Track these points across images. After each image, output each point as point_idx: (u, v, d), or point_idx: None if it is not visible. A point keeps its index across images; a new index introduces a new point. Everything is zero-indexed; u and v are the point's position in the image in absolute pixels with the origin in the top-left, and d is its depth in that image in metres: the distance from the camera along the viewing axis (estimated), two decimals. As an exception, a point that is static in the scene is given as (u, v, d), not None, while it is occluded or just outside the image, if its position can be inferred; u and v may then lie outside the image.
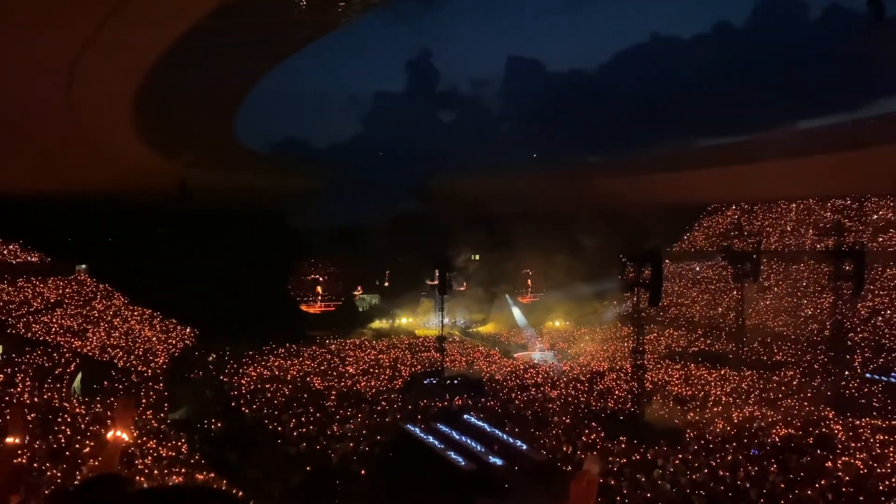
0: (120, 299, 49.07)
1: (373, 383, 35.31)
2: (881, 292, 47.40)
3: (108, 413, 22.73)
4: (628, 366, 32.25)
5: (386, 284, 67.57)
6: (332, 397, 31.74)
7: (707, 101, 68.34)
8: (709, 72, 72.72)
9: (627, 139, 70.49)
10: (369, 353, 45.28)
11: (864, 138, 47.78)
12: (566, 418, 27.47)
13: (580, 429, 25.89)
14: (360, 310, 64.96)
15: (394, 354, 44.98)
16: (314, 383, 35.13)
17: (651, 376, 34.18)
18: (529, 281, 66.40)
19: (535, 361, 43.59)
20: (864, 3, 19.29)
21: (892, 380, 34.24)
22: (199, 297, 49.37)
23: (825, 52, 59.51)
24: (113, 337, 40.04)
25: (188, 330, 47.88)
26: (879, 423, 26.56)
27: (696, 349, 45.59)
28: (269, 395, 32.20)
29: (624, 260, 29.16)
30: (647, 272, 28.47)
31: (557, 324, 59.93)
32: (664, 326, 53.58)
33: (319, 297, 62.24)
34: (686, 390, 32.79)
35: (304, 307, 61.69)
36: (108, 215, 55.52)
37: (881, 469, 20.90)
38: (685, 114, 68.47)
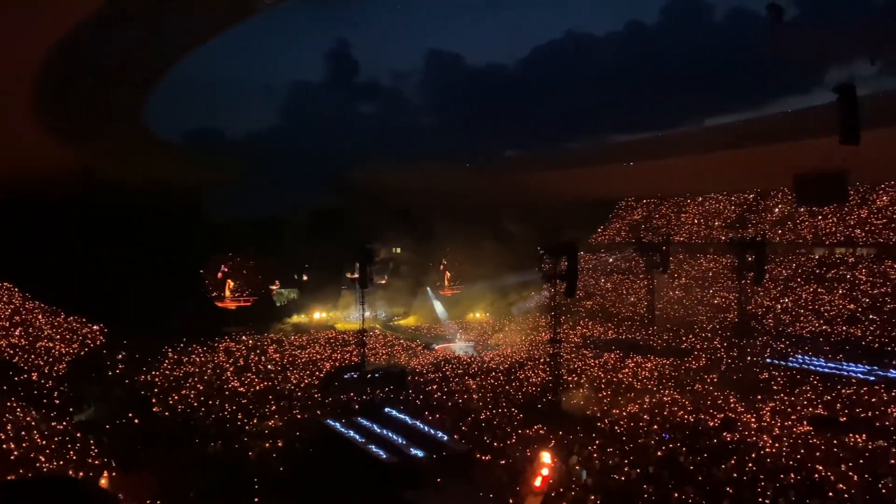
0: (20, 296, 46.36)
1: (292, 379, 34.75)
2: (780, 282, 50.26)
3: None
4: (546, 355, 32.99)
5: (304, 278, 66.51)
6: (250, 394, 31.08)
7: (619, 98, 70.59)
8: (621, 69, 75.08)
9: (544, 134, 71.94)
10: (288, 349, 44.53)
11: (766, 136, 50.33)
12: (486, 408, 27.86)
13: (499, 418, 26.32)
14: (278, 304, 63.69)
15: (313, 349, 44.40)
16: (230, 380, 34.27)
17: (567, 365, 35.10)
18: (448, 274, 66.86)
19: (457, 352, 44.00)
20: (766, 6, 20.29)
21: (791, 364, 36.39)
22: (107, 293, 47.21)
23: (729, 53, 62.42)
24: (14, 336, 37.83)
25: (96, 327, 45.79)
26: (779, 405, 28.19)
27: (610, 338, 47.05)
28: (183, 392, 31.21)
29: (542, 252, 29.77)
30: (563, 264, 29.17)
31: (478, 315, 60.66)
32: (580, 316, 55.07)
33: (234, 292, 60.67)
34: (601, 378, 33.81)
35: (219, 302, 60.01)
36: (4, 206, 52.27)
37: (780, 447, 22.22)
38: (599, 110, 70.48)
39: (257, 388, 32.53)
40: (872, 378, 32.30)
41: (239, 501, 19.02)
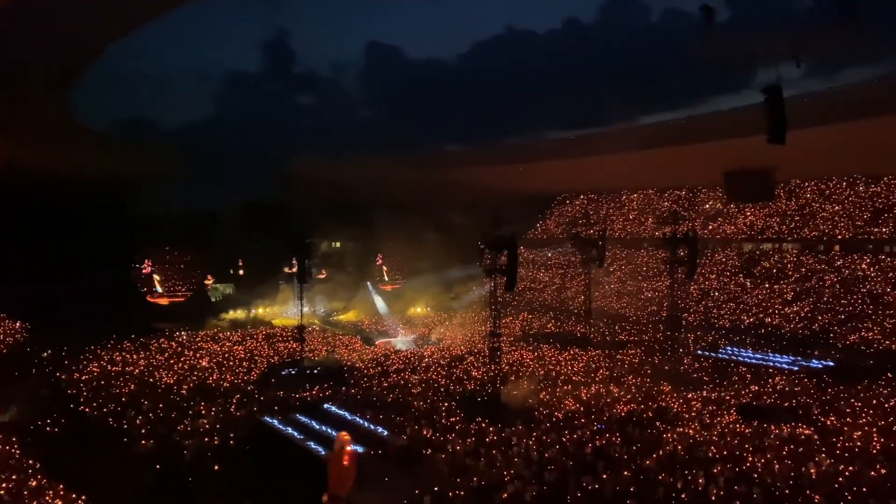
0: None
1: (227, 376, 34.00)
2: (711, 276, 51.95)
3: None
4: (486, 349, 33.21)
5: (241, 273, 65.17)
6: (183, 392, 30.27)
7: (558, 94, 71.53)
8: (560, 66, 76.12)
9: (484, 129, 72.33)
10: (224, 345, 43.55)
11: (697, 134, 51.83)
12: (426, 402, 27.88)
13: (439, 412, 26.38)
14: (213, 300, 62.26)
15: (250, 345, 43.56)
16: (163, 378, 33.29)
17: (507, 358, 35.45)
18: (385, 269, 66.66)
19: (398, 348, 43.87)
20: (698, 7, 20.82)
21: (721, 355, 37.67)
22: (32, 289, 45.25)
23: (664, 53, 64.02)
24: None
25: (19, 324, 43.82)
26: (709, 395, 29.14)
27: (548, 331, 47.76)
28: (113, 391, 30.16)
29: (482, 247, 29.91)
30: (503, 258, 29.38)
31: (419, 310, 60.66)
32: (519, 310, 55.71)
33: (165, 288, 58.98)
34: (539, 370, 34.26)
35: (150, 298, 58.25)
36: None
37: (710, 436, 22.97)
38: (538, 106, 71.28)
39: (191, 385, 31.70)
40: (796, 368, 33.77)
41: (173, 502, 18.52)
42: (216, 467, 20.77)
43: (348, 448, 2.78)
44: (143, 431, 24.19)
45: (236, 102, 78.91)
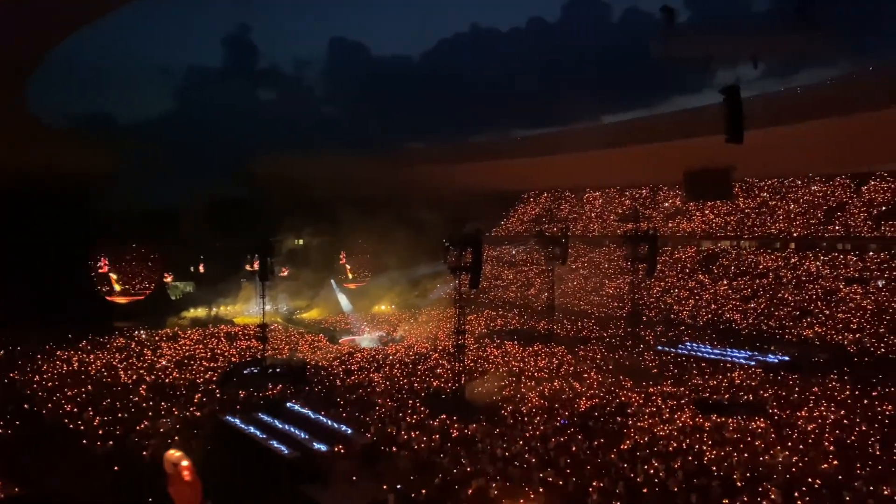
0: None
1: (188, 375, 33.47)
2: (671, 273, 52.83)
3: None
4: (450, 346, 33.27)
5: (201, 271, 64.14)
6: (142, 391, 29.71)
7: (522, 93, 71.93)
8: (524, 65, 76.50)
9: (449, 127, 72.38)
10: (184, 344, 42.86)
11: (658, 133, 52.63)
12: (390, 400, 27.84)
13: (404, 410, 26.36)
14: (173, 298, 61.19)
15: (211, 344, 42.94)
16: (121, 378, 32.62)
17: (471, 355, 35.59)
18: (349, 266, 66.29)
19: (363, 346, 43.62)
20: (659, 8, 21.13)
21: (680, 350, 38.35)
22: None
23: (626, 52, 64.86)
24: None
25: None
26: (669, 389, 29.65)
27: (512, 328, 48.05)
28: (69, 392, 29.44)
29: (447, 244, 29.95)
30: (468, 256, 29.47)
31: (384, 308, 60.48)
32: (484, 307, 55.96)
33: (124, 286, 57.75)
34: (503, 367, 34.46)
35: (108, 296, 56.97)
36: None
37: (670, 430, 23.39)
38: (502, 105, 71.57)
39: (150, 385, 31.13)
40: (753, 363, 34.54)
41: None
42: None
43: (184, 463, 2.76)
44: (100, 433, 23.67)
45: (197, 98, 77.60)
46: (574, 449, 21.29)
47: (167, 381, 32.10)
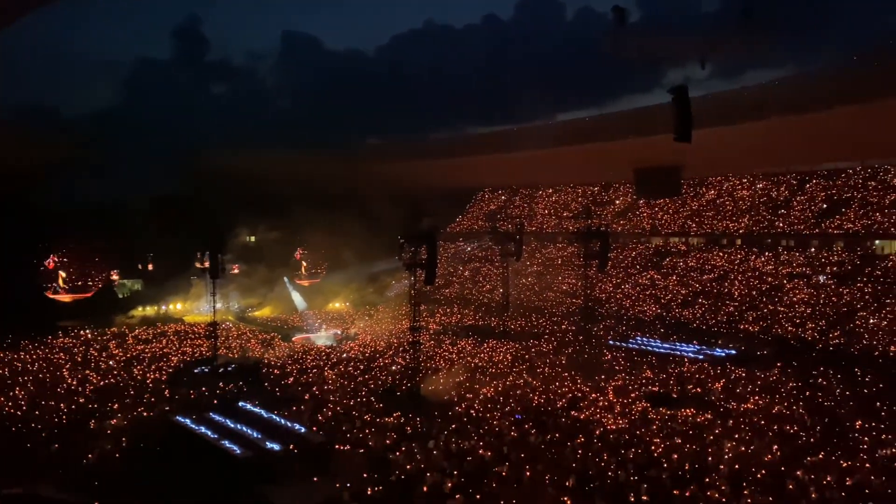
0: None
1: (136, 375, 32.70)
2: (621, 269, 53.75)
3: None
4: (405, 343, 33.23)
5: (150, 268, 62.65)
6: (89, 392, 28.92)
7: (477, 90, 72.16)
8: (479, 62, 76.68)
9: (404, 123, 72.15)
10: (132, 343, 41.86)
11: (610, 132, 53.45)
12: (344, 398, 27.67)
13: (358, 407, 26.24)
14: (121, 296, 59.63)
15: (160, 343, 42.03)
16: (66, 378, 31.69)
17: (426, 352, 35.61)
18: (305, 263, 65.59)
19: (318, 343, 43.18)
20: (611, 7, 21.47)
21: (631, 345, 39.04)
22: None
23: (580, 51, 65.64)
24: None
25: None
26: (620, 383, 30.16)
27: (466, 324, 48.24)
28: (11, 393, 28.47)
29: (402, 241, 29.88)
30: (423, 252, 29.46)
31: (338, 305, 60.03)
32: (439, 303, 56.05)
33: (69, 284, 55.98)
34: (458, 363, 34.58)
35: (52, 295, 55.17)
36: None
37: (621, 424, 23.81)
38: (458, 102, 71.69)
39: (97, 385, 30.32)
40: (701, 357, 35.38)
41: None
42: (124, 470, 19.95)
43: None
44: (44, 435, 22.95)
45: (146, 91, 75.56)
46: (528, 443, 21.50)
47: (114, 381, 31.32)
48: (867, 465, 19.13)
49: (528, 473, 18.72)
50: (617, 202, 62.32)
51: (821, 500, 16.53)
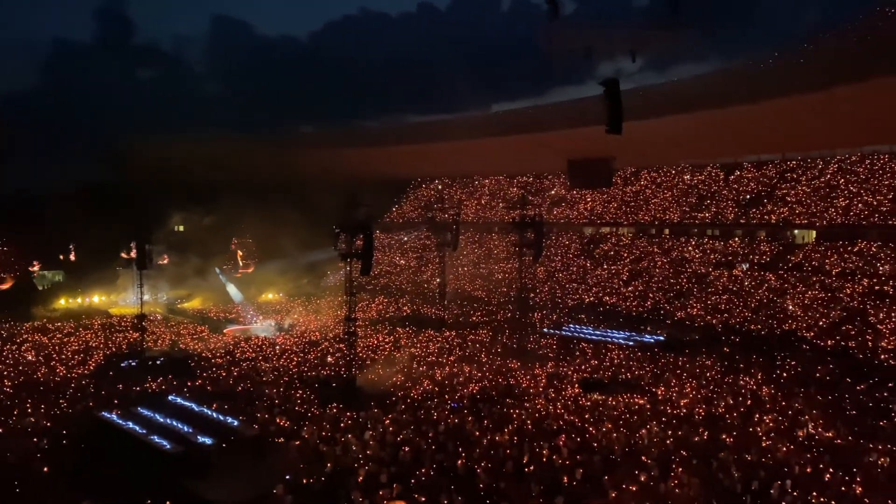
0: None
1: (59, 370, 31.39)
2: (556, 258, 54.66)
3: None
4: (341, 333, 32.95)
5: (72, 258, 60.14)
6: (7, 388, 27.62)
7: (413, 79, 71.87)
8: (415, 51, 76.37)
9: (339, 111, 71.27)
10: (53, 337, 40.15)
11: (544, 122, 54.12)
12: (279, 390, 27.27)
13: (293, 399, 25.90)
14: (41, 288, 57.08)
15: (84, 336, 40.45)
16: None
17: (363, 342, 35.40)
18: (240, 253, 64.23)
19: (258, 335, 42.22)
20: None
21: (564, 332, 39.80)
22: None
23: (516, 42, 66.14)
24: None
25: None
26: (554, 370, 30.72)
27: (403, 314, 48.19)
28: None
29: (337, 231, 29.54)
30: (359, 242, 29.21)
31: (271, 296, 59.00)
32: (376, 294, 55.79)
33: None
34: (395, 353, 34.53)
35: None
36: None
37: (555, 410, 24.26)
38: (393, 90, 71.26)
39: (16, 381, 28.96)
40: (631, 343, 36.38)
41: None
42: (45, 469, 19.14)
43: None
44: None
45: (66, 74, 72.18)
46: (464, 431, 21.67)
47: (35, 376, 29.99)
48: (786, 444, 20.07)
49: (462, 462, 18.86)
50: (551, 192, 63.26)
51: (743, 478, 17.25)
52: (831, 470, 17.76)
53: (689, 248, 49.33)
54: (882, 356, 31.36)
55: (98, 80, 70.52)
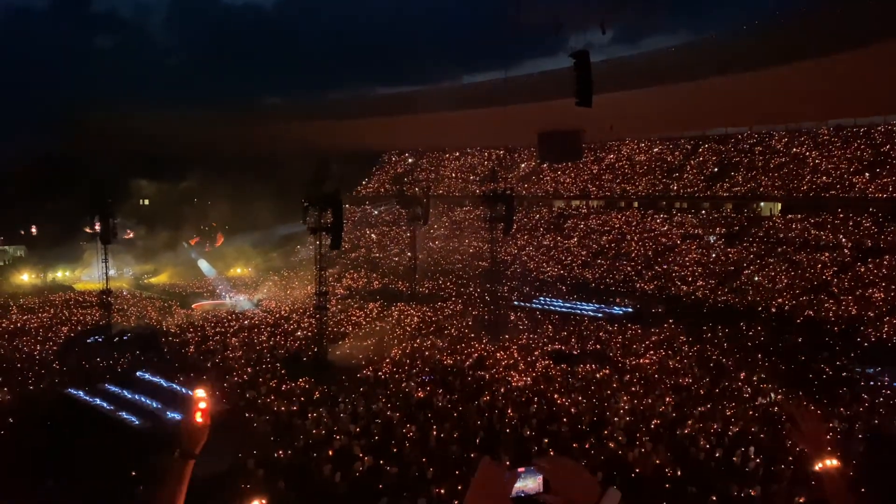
0: None
1: (21, 347, 30.80)
2: (526, 231, 54.85)
3: None
4: (312, 308, 32.81)
5: (33, 233, 58.79)
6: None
7: (381, 50, 70.88)
8: (383, 20, 75.30)
9: (306, 82, 70.11)
10: (15, 313, 39.35)
11: (514, 95, 53.81)
12: (248, 365, 27.11)
13: (263, 374, 25.78)
14: (2, 264, 55.81)
15: (48, 313, 39.72)
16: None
17: (333, 317, 35.31)
18: (209, 227, 63.36)
19: (238, 309, 41.78)
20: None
21: (535, 305, 40.11)
22: None
23: (484, 13, 65.47)
24: None
25: None
26: (524, 342, 30.99)
27: (374, 288, 48.10)
28: None
29: (306, 204, 29.26)
30: (328, 216, 28.98)
31: (240, 271, 58.42)
32: (346, 268, 55.52)
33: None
34: (365, 327, 34.52)
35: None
36: None
37: (524, 381, 24.52)
38: (360, 61, 70.24)
39: (-23, 360, 28.38)
40: (600, 315, 36.80)
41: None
42: (10, 448, 18.83)
43: (202, 406, 2.70)
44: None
45: (17, 42, 69.55)
46: (435, 403, 21.79)
47: (-2, 354, 29.43)
48: (749, 413, 20.54)
49: (434, 433, 18.99)
50: (522, 166, 63.26)
51: (708, 446, 17.63)
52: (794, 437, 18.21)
53: (658, 220, 49.84)
54: (844, 326, 32.19)
55: (55, 49, 68.24)
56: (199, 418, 2.92)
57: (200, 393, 2.97)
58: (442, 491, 14.76)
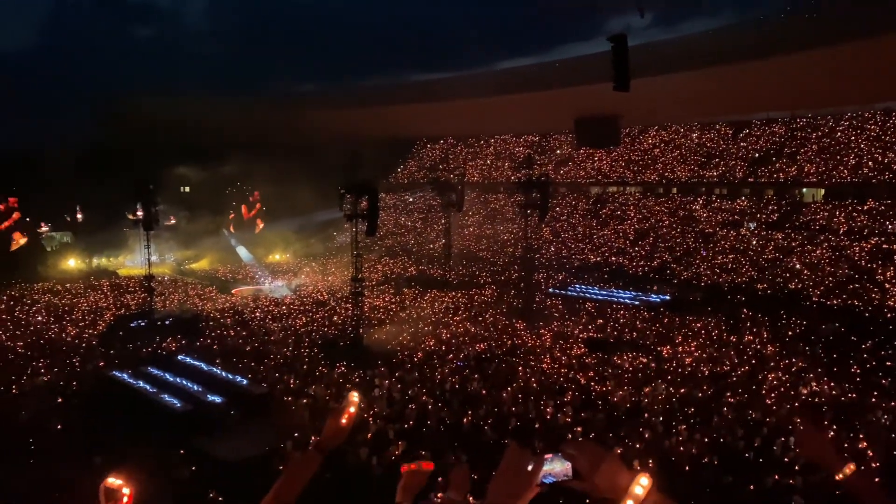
0: None
1: (69, 330, 31.76)
2: (562, 218, 54.49)
3: None
4: (348, 294, 33.14)
5: (79, 219, 60.29)
6: (19, 349, 27.98)
7: (418, 36, 70.80)
8: (420, 7, 75.06)
9: (341, 70, 70.40)
10: (64, 297, 40.53)
11: (550, 80, 53.38)
12: (287, 350, 27.54)
13: (301, 359, 26.18)
14: (49, 249, 57.38)
15: (94, 297, 40.84)
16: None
17: (369, 302, 35.63)
18: (249, 213, 64.26)
19: (273, 295, 42.47)
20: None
21: (570, 293, 39.89)
22: None
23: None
24: None
25: None
26: (559, 330, 30.88)
27: (409, 274, 48.34)
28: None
29: (342, 192, 29.49)
30: (364, 203, 29.18)
31: (278, 257, 59.23)
32: (381, 254, 55.91)
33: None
34: (400, 313, 34.75)
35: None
36: None
37: (559, 368, 24.47)
38: (396, 48, 70.22)
39: (27, 341, 29.34)
40: (637, 303, 36.45)
41: (12, 466, 17.22)
42: (59, 426, 19.49)
43: (351, 409, 2.78)
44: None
45: (64, 31, 71.20)
46: (469, 389, 21.90)
47: (46, 336, 30.37)
48: (791, 401, 20.21)
49: (467, 419, 19.10)
50: (557, 151, 62.75)
51: (745, 435, 17.42)
52: (835, 427, 17.91)
53: (697, 206, 49.05)
54: (888, 315, 31.37)
55: (98, 38, 69.67)
56: (344, 421, 3.03)
57: (355, 398, 3.09)
58: (475, 476, 14.85)
